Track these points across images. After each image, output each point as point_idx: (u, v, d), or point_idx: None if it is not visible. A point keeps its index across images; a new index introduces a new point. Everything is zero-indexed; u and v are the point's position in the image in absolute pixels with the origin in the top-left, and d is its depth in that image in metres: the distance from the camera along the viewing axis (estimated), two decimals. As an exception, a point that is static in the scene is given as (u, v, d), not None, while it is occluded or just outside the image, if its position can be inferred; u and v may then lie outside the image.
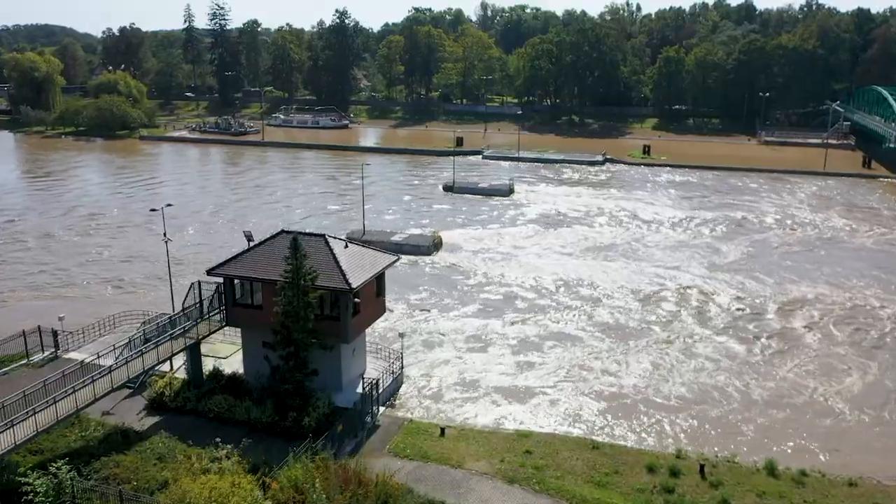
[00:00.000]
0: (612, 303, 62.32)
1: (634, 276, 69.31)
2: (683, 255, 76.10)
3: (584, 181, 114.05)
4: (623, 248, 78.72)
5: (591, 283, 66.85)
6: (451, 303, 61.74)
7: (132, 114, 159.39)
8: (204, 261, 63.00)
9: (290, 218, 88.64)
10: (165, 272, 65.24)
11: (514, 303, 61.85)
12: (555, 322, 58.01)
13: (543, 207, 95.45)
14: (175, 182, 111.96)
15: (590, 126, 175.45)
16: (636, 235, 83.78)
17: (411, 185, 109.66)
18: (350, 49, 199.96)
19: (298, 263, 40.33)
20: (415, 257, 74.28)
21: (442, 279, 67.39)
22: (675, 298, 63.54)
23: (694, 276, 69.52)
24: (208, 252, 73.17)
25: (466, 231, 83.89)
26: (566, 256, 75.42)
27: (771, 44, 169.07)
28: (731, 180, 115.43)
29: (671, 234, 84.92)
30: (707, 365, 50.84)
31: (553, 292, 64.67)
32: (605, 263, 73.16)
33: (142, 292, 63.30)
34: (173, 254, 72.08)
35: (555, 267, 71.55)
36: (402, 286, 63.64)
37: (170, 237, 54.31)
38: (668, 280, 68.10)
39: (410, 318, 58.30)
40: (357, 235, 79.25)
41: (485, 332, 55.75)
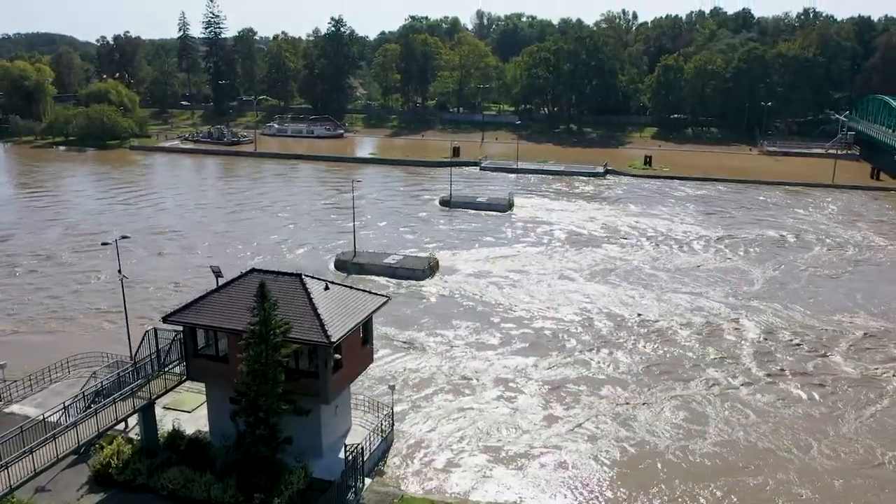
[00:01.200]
0: (637, 338, 54.53)
1: (660, 304, 61.44)
2: (715, 280, 67.97)
3: (586, 194, 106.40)
4: (643, 271, 70.69)
5: (612, 314, 59.04)
6: (450, 338, 54.05)
7: (123, 123, 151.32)
8: (200, 288, 55.33)
9: (287, 236, 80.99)
10: (161, 300, 57.94)
11: (522, 339, 54.11)
12: (570, 363, 50.30)
13: (547, 224, 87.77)
14: (170, 196, 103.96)
15: (588, 135, 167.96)
16: (654, 256, 75.88)
17: (407, 200, 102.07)
18: (346, 57, 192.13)
19: (267, 314, 32.68)
20: (409, 282, 66.75)
21: (439, 309, 59.71)
22: (710, 332, 55.66)
23: (730, 304, 61.38)
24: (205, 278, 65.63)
25: (465, 252, 76.20)
26: (580, 282, 67.34)
27: (770, 52, 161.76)
28: (749, 193, 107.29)
29: (696, 254, 76.58)
30: (753, 417, 43.06)
31: (568, 325, 56.89)
32: (626, 290, 65.06)
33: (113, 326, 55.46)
34: (173, 277, 66.54)
35: (568, 294, 63.80)
36: (393, 318, 55.99)
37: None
38: (699, 310, 60.19)
39: (402, 358, 50.61)
40: (347, 257, 71.79)
41: (489, 376, 48.12)
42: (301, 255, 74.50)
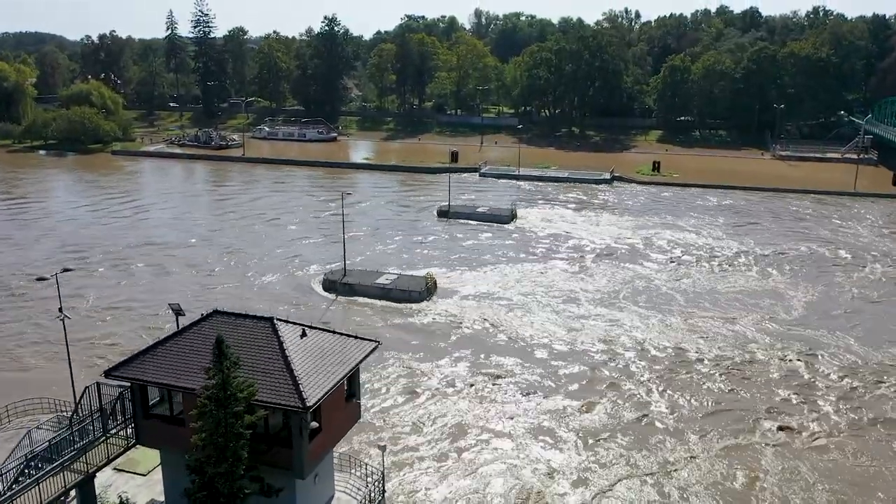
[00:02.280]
0: (671, 375, 48.02)
1: (694, 334, 54.56)
2: (755, 304, 61.01)
3: (595, 203, 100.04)
4: (668, 292, 64.01)
5: (640, 346, 52.52)
6: (452, 378, 47.80)
7: (105, 126, 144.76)
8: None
9: (275, 250, 74.70)
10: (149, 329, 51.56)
11: (537, 377, 47.76)
12: (595, 407, 44.04)
13: (553, 237, 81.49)
14: (158, 206, 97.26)
15: (591, 138, 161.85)
16: (680, 275, 69.04)
17: (403, 210, 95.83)
18: (340, 57, 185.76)
19: (226, 376, 26.49)
20: (405, 306, 60.55)
21: (438, 340, 53.40)
22: (763, 367, 49.13)
23: (783, 335, 54.44)
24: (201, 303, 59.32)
25: (466, 270, 69.95)
26: (597, 306, 60.69)
27: (782, 52, 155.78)
28: (776, 203, 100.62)
29: (737, 273, 69.55)
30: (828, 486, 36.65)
31: (589, 360, 50.37)
32: (652, 315, 58.43)
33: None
34: (168, 300, 58.52)
35: (585, 321, 57.36)
36: (385, 352, 49.75)
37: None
38: (743, 340, 53.44)
39: (397, 406, 44.32)
40: (336, 276, 65.61)
41: (501, 424, 41.89)
42: (286, 273, 68.24)
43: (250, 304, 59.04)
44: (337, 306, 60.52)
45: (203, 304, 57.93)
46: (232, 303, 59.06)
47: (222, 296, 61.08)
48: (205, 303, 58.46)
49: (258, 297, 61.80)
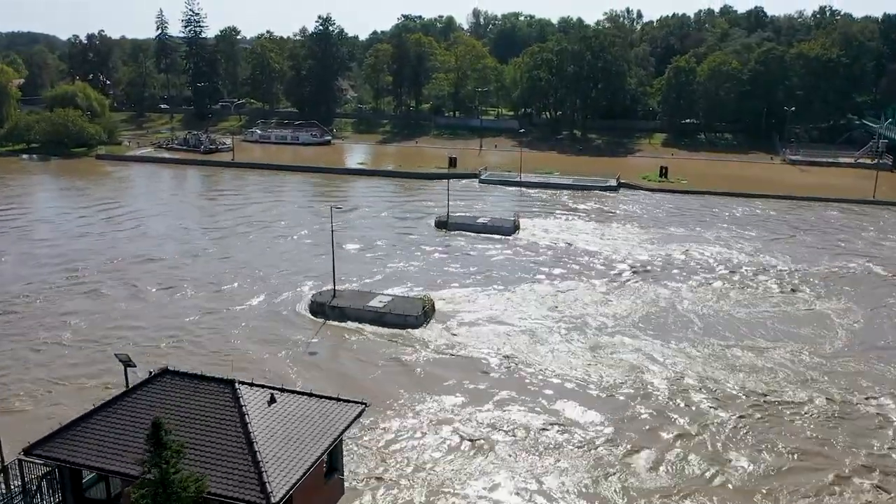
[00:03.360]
0: (743, 423, 41.34)
1: (756, 372, 47.44)
2: (818, 334, 53.96)
3: (603, 212, 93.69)
4: (714, 319, 56.69)
5: (685, 384, 45.85)
6: (454, 424, 41.66)
7: (90, 129, 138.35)
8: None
9: (262, 267, 68.56)
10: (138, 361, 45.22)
11: (560, 433, 40.90)
12: (660, 469, 37.36)
13: (561, 252, 75.09)
14: (148, 216, 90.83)
15: (593, 142, 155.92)
16: (716, 296, 61.93)
17: (398, 220, 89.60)
18: (334, 58, 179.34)
19: (165, 471, 20.47)
20: (399, 333, 54.49)
21: (438, 380, 47.06)
22: (849, 415, 42.44)
23: (858, 372, 47.59)
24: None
25: (466, 290, 63.83)
26: (625, 334, 53.71)
27: (790, 52, 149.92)
28: (802, 213, 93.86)
29: (779, 296, 62.36)
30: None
31: (616, 401, 43.75)
32: (693, 346, 51.51)
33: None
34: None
35: (614, 353, 50.50)
36: (377, 389, 43.72)
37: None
38: (812, 380, 46.54)
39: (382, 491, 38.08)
40: (325, 298, 59.58)
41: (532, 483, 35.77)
42: (270, 293, 62.14)
43: (225, 335, 53.15)
44: (324, 335, 54.41)
45: (171, 338, 52.14)
46: (204, 333, 53.21)
47: (194, 326, 55.15)
48: (173, 336, 52.69)
49: (236, 325, 55.73)
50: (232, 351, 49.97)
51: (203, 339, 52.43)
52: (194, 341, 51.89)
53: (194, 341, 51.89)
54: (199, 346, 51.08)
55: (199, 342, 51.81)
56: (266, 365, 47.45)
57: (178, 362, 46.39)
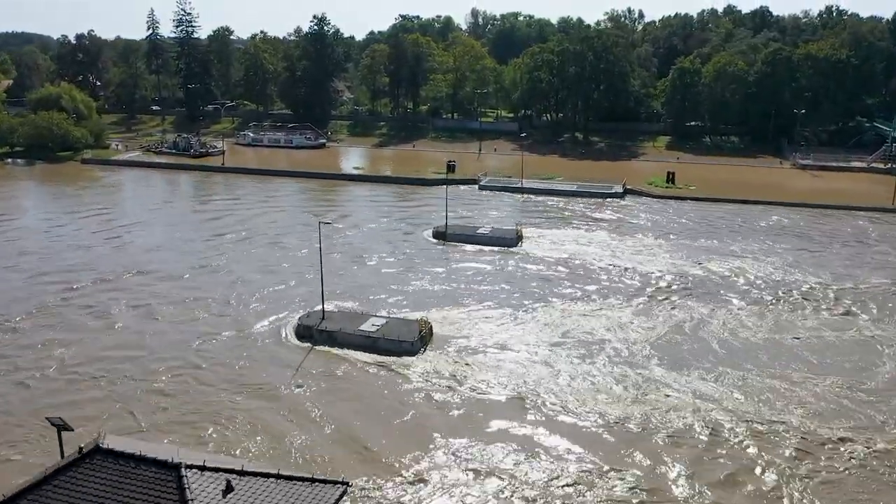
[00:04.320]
0: (806, 470, 36.39)
1: (820, 417, 41.50)
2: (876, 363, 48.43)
3: (612, 222, 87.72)
4: (755, 346, 50.91)
5: (735, 425, 40.35)
6: (454, 471, 36.37)
7: (75, 133, 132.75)
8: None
9: (249, 284, 63.16)
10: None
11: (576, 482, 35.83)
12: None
13: (570, 266, 69.18)
14: (141, 226, 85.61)
15: (595, 145, 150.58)
16: (754, 319, 55.99)
17: (394, 231, 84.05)
18: (330, 59, 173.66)
19: None
20: (394, 361, 49.19)
21: (434, 423, 41.75)
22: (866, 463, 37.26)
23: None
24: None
25: (467, 310, 58.36)
26: (658, 364, 47.87)
27: (798, 53, 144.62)
28: (829, 223, 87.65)
29: (828, 322, 56.02)
30: None
31: (641, 455, 38.04)
32: (740, 380, 45.63)
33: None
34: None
35: (648, 389, 44.61)
36: (364, 440, 38.49)
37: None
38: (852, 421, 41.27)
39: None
40: (313, 321, 54.28)
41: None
42: (254, 315, 56.87)
43: (203, 371, 47.78)
44: (310, 364, 48.98)
45: (141, 381, 46.61)
46: (183, 369, 47.58)
47: (176, 358, 49.88)
48: (145, 379, 47.23)
49: (212, 354, 50.47)
50: (205, 392, 44.51)
51: (182, 376, 46.68)
52: (174, 380, 46.08)
53: (174, 380, 46.08)
54: (176, 384, 45.56)
55: (179, 380, 46.05)
56: (238, 412, 41.92)
57: (141, 413, 41.31)
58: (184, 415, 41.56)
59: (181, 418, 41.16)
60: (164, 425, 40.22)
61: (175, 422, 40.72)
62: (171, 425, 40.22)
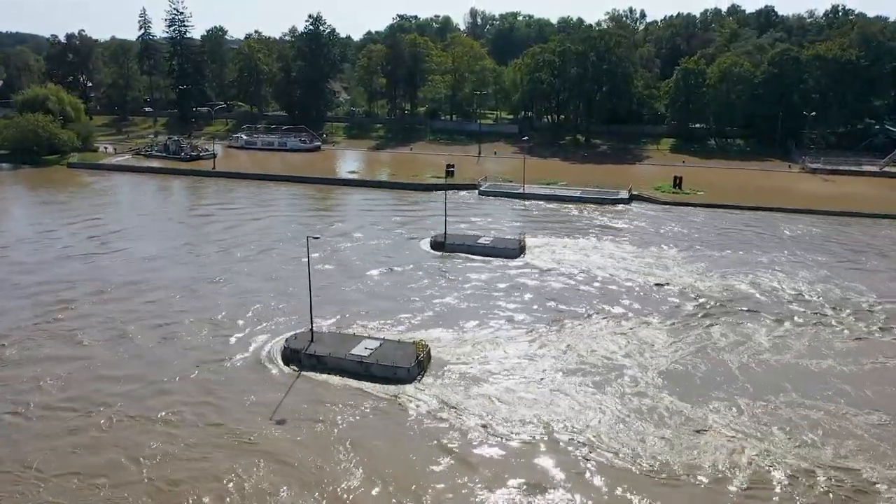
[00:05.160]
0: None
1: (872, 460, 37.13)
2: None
3: (620, 231, 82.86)
4: (799, 380, 45.68)
5: (787, 476, 35.61)
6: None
7: (62, 136, 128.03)
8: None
9: (237, 306, 58.56)
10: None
11: None
12: None
13: (577, 280, 64.52)
14: (135, 238, 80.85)
15: (598, 148, 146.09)
16: (798, 342, 51.12)
17: (390, 240, 79.23)
18: (325, 59, 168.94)
19: None
20: (388, 389, 44.69)
21: (436, 470, 37.01)
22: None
23: None
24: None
25: (468, 331, 53.77)
26: (681, 396, 43.21)
27: (807, 54, 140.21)
28: (855, 231, 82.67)
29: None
30: None
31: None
32: (791, 418, 41.03)
33: None
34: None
35: (674, 429, 39.78)
36: (355, 490, 33.89)
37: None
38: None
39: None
40: (301, 344, 49.76)
41: None
42: (236, 338, 52.32)
43: (185, 407, 43.11)
44: (295, 396, 44.37)
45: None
46: (162, 406, 42.71)
47: (156, 393, 45.30)
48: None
49: (189, 379, 45.94)
50: (173, 453, 39.00)
51: (153, 424, 41.59)
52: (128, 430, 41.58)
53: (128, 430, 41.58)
54: (141, 435, 40.97)
55: (145, 431, 40.94)
56: (207, 467, 36.71)
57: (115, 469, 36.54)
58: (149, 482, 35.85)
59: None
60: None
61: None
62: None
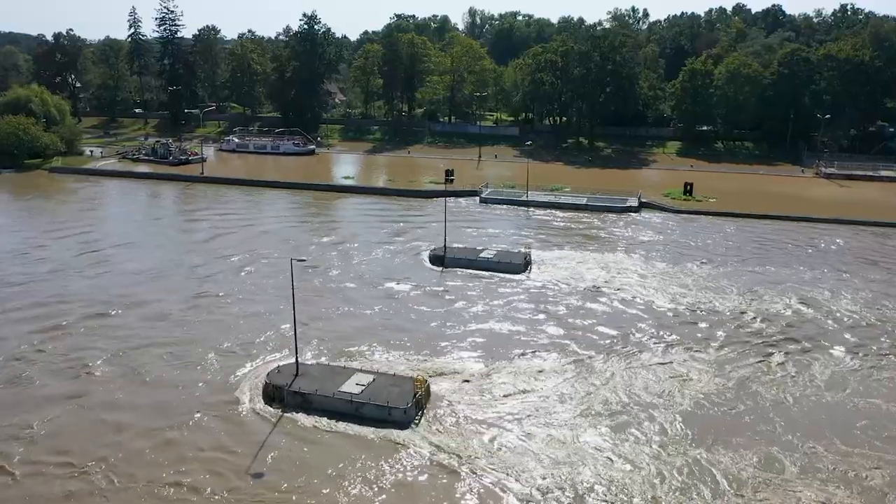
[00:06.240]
0: None
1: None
2: None
3: (630, 241, 77.26)
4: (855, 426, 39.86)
5: None
6: None
7: (44, 139, 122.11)
8: None
9: (220, 336, 52.85)
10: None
11: None
12: None
13: (590, 299, 58.93)
14: (125, 251, 75.29)
15: (602, 151, 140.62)
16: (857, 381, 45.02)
17: (386, 253, 73.42)
18: (321, 59, 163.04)
19: None
20: (382, 434, 39.02)
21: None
22: None
23: None
24: None
25: (471, 362, 48.02)
26: (727, 446, 37.83)
27: (819, 54, 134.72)
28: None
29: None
30: None
31: None
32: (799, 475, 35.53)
33: None
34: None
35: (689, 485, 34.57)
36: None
37: None
38: None
39: None
40: (285, 379, 44.10)
41: None
42: (216, 369, 46.67)
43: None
44: (275, 442, 38.72)
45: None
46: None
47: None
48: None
49: (160, 411, 40.36)
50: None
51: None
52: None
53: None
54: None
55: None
56: None
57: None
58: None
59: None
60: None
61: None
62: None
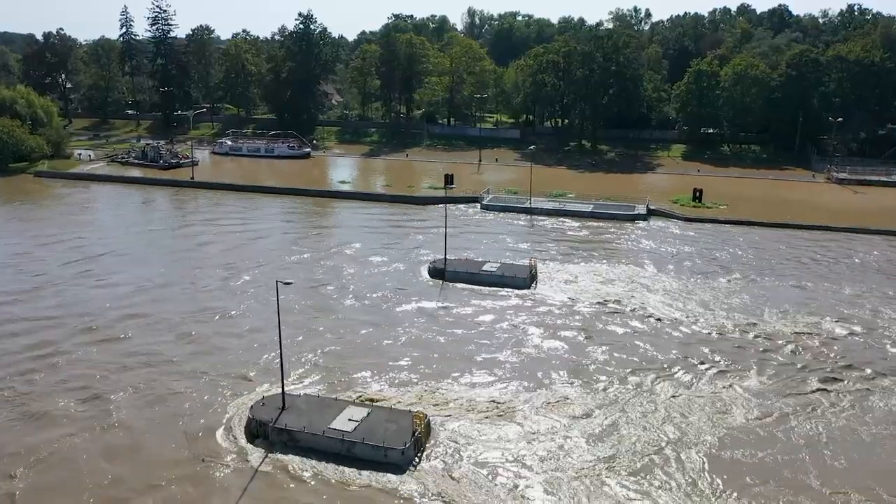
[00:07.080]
0: None
1: None
2: None
3: (643, 253, 72.65)
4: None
5: None
6: None
7: (30, 142, 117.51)
8: None
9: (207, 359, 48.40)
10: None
11: None
12: None
13: (603, 319, 54.45)
14: (117, 264, 70.76)
15: (605, 154, 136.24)
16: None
17: (382, 265, 68.94)
18: (317, 59, 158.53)
19: None
20: (376, 478, 34.60)
21: None
22: None
23: None
24: None
25: (474, 391, 43.62)
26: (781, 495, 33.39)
27: (828, 55, 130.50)
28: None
29: None
30: None
31: None
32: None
33: None
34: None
35: None
36: None
37: None
38: None
39: None
40: (269, 414, 39.69)
41: None
42: (200, 403, 42.26)
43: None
44: (268, 464, 34.33)
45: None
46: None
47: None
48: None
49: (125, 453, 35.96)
50: None
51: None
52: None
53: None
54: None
55: None
56: None
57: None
58: None
59: None
60: None
61: None
62: None
